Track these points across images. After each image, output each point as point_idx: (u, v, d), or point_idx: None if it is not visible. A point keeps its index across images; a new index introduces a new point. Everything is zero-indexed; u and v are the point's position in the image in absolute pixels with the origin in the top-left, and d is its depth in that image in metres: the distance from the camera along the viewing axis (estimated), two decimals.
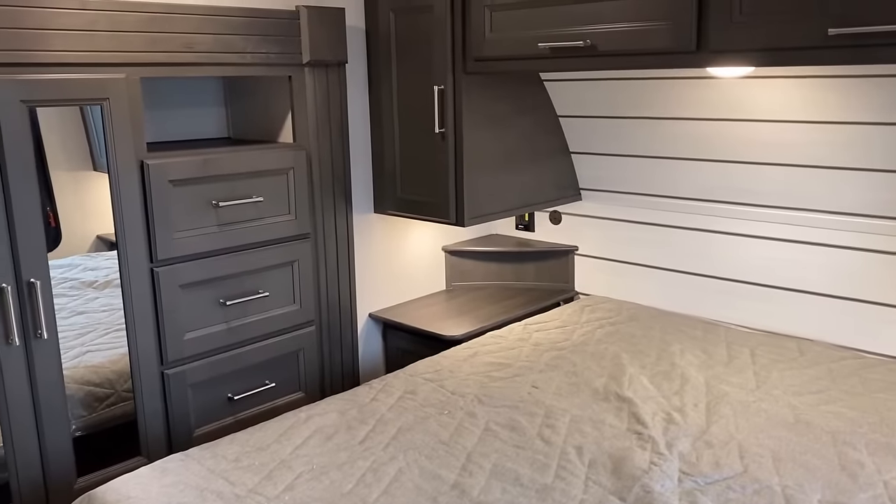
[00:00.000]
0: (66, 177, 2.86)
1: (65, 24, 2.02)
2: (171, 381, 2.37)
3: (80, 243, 2.95)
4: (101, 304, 2.87)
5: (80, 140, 2.77)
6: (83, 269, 3.06)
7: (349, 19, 2.74)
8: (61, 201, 2.88)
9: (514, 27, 2.46)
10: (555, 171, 3.14)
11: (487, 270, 3.45)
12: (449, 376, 2.43)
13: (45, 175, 2.85)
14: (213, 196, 2.37)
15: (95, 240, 2.92)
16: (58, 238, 2.93)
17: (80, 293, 2.99)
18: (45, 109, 2.52)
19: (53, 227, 2.92)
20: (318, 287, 2.72)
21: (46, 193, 2.88)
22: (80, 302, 2.94)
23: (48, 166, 2.85)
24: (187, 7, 2.24)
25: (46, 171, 2.85)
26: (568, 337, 2.77)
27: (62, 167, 2.85)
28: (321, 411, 2.21)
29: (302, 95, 2.57)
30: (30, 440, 2.10)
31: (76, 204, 2.85)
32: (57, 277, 3.03)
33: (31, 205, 2.02)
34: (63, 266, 3.02)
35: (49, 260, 2.93)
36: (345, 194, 2.75)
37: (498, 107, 2.81)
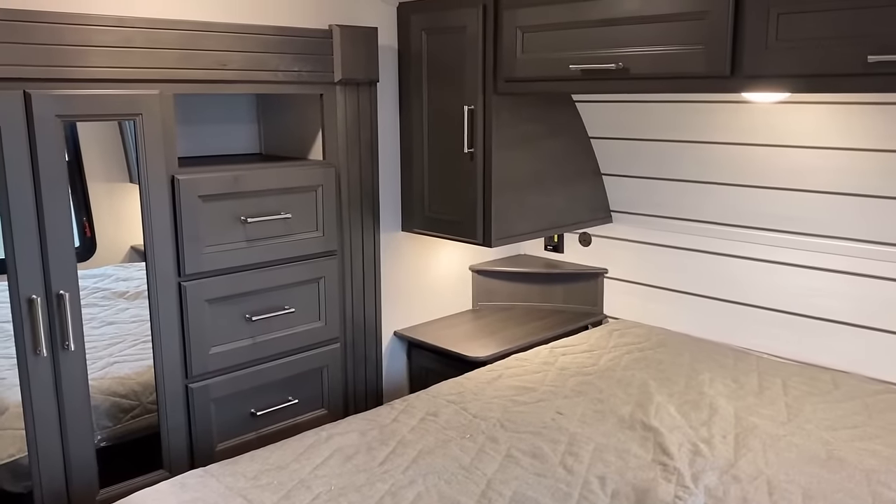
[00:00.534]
0: (104, 188, 2.91)
1: (103, 41, 2.06)
2: (195, 395, 2.38)
3: (114, 253, 2.99)
4: (131, 314, 2.91)
5: (118, 152, 2.82)
6: (115, 280, 3.10)
7: (382, 38, 2.75)
8: (97, 212, 2.93)
9: (545, 48, 2.44)
10: (585, 193, 3.11)
11: (515, 291, 3.42)
12: (472, 399, 2.40)
13: (82, 186, 2.91)
14: (242, 212, 2.38)
15: (129, 250, 2.97)
16: (92, 248, 2.98)
17: (112, 303, 3.03)
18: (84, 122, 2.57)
19: (89, 237, 2.97)
20: (344, 304, 2.72)
21: (83, 204, 2.93)
22: (110, 312, 2.98)
23: (86, 177, 2.91)
24: (221, 25, 2.27)
25: (84, 182, 2.91)
26: (595, 362, 2.72)
27: (99, 178, 2.90)
28: (342, 431, 2.19)
29: (333, 113, 2.58)
30: (54, 450, 2.12)
31: (112, 214, 2.90)
32: (89, 287, 3.08)
33: (62, 218, 2.04)
34: (96, 276, 3.07)
35: (83, 269, 2.98)
36: (373, 212, 2.75)
37: (528, 127, 2.79)
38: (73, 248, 2.11)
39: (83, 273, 3.01)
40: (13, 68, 1.91)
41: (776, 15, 1.89)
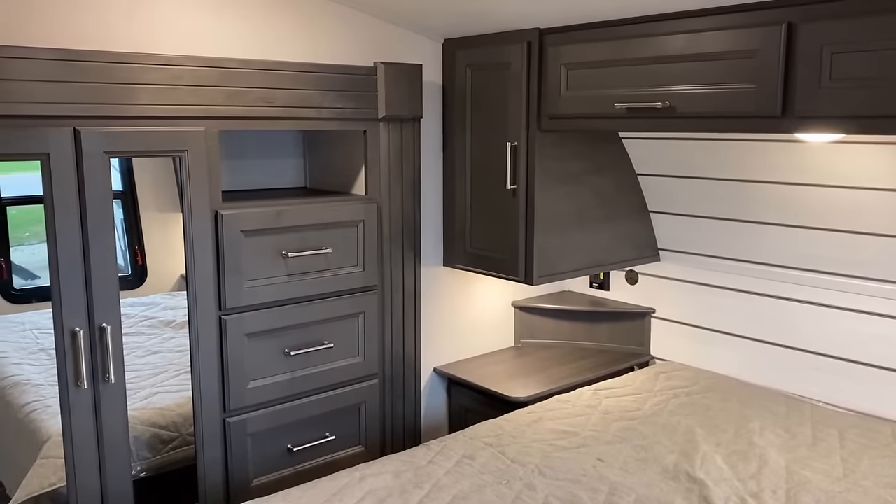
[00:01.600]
0: (156, 217, 2.98)
1: (150, 79, 2.10)
2: (232, 429, 2.38)
3: (163, 282, 3.05)
4: (175, 344, 2.94)
5: (171, 183, 2.88)
6: (163, 308, 3.15)
7: (426, 75, 2.76)
8: (149, 241, 2.99)
9: (590, 86, 2.41)
10: (632, 230, 3.04)
11: (558, 329, 3.35)
12: (510, 442, 2.34)
13: (135, 215, 2.98)
14: (284, 246, 2.39)
15: (179, 279, 3.01)
16: (143, 276, 3.04)
17: (158, 332, 3.08)
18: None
19: (140, 266, 3.03)
20: (383, 340, 2.70)
21: (136, 233, 3.00)
22: (156, 341, 3.03)
23: (139, 207, 2.98)
24: (266, 63, 2.30)
25: (137, 212, 2.97)
26: (640, 406, 2.64)
27: (152, 208, 2.97)
28: (376, 472, 2.16)
29: (376, 149, 2.58)
30: (92, 482, 2.13)
31: (163, 244, 2.96)
32: (138, 315, 3.13)
33: (107, 252, 2.08)
34: (145, 304, 3.13)
35: (133, 297, 3.05)
36: (414, 247, 2.73)
37: (572, 164, 2.75)
38: (117, 282, 2.13)
39: (133, 301, 3.09)
40: (64, 106, 1.96)
41: (829, 54, 1.82)
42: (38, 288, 2.63)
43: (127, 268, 2.99)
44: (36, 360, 2.71)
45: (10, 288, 2.68)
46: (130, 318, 3.05)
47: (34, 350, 2.75)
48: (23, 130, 1.91)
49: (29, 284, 2.71)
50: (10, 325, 2.80)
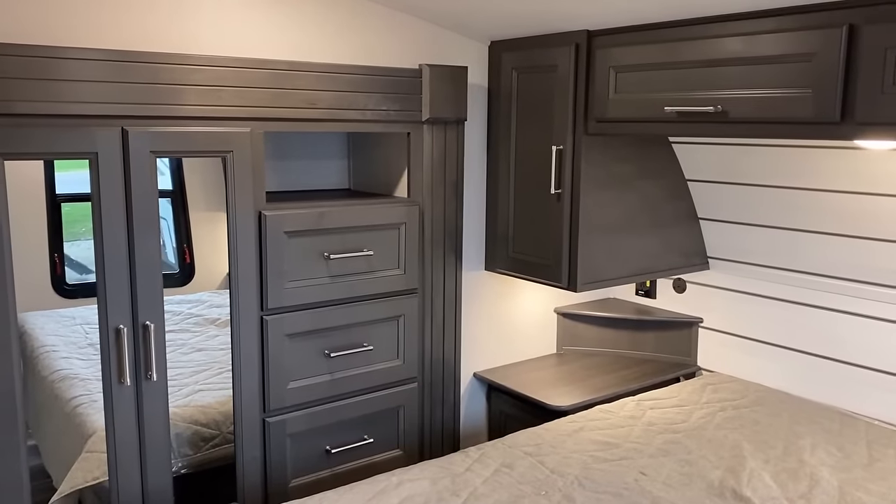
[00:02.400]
0: (204, 216, 3.01)
1: (197, 80, 2.11)
2: (272, 429, 2.38)
3: (210, 280, 3.08)
4: (219, 342, 2.97)
5: (220, 182, 2.90)
6: (209, 306, 3.18)
7: (472, 77, 2.73)
8: (197, 240, 3.02)
9: (639, 89, 2.35)
10: (680, 237, 2.96)
11: (602, 336, 3.29)
12: (550, 452, 2.30)
13: (184, 214, 3.02)
14: (326, 248, 2.39)
15: (225, 277, 3.04)
16: (191, 274, 3.08)
17: (203, 330, 3.11)
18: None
19: (188, 264, 3.07)
20: (423, 343, 2.68)
21: (184, 231, 3.04)
22: (201, 339, 3.06)
23: (188, 206, 3.01)
24: (312, 65, 2.30)
25: (186, 211, 3.01)
26: (685, 418, 2.56)
27: (201, 207, 3.00)
28: (413, 477, 2.14)
29: (419, 151, 2.57)
30: (133, 477, 2.16)
31: (211, 242, 2.99)
32: (184, 312, 3.17)
33: (152, 250, 2.10)
34: (192, 301, 3.16)
35: (180, 295, 3.09)
36: (455, 251, 2.71)
37: (619, 168, 2.69)
38: (161, 281, 2.15)
39: (180, 298, 3.12)
40: (112, 106, 1.99)
41: (894, 58, 1.74)
42: (89, 283, 2.68)
43: (175, 266, 3.03)
44: (84, 354, 2.76)
45: (63, 283, 2.74)
46: (176, 316, 3.09)
47: (83, 345, 2.80)
48: (72, 130, 1.94)
49: (82, 279, 2.76)
50: (61, 319, 2.86)
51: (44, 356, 2.77)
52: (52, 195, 2.67)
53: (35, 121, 1.89)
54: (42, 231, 2.67)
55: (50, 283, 2.73)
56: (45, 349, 2.79)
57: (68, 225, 2.71)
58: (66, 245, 2.72)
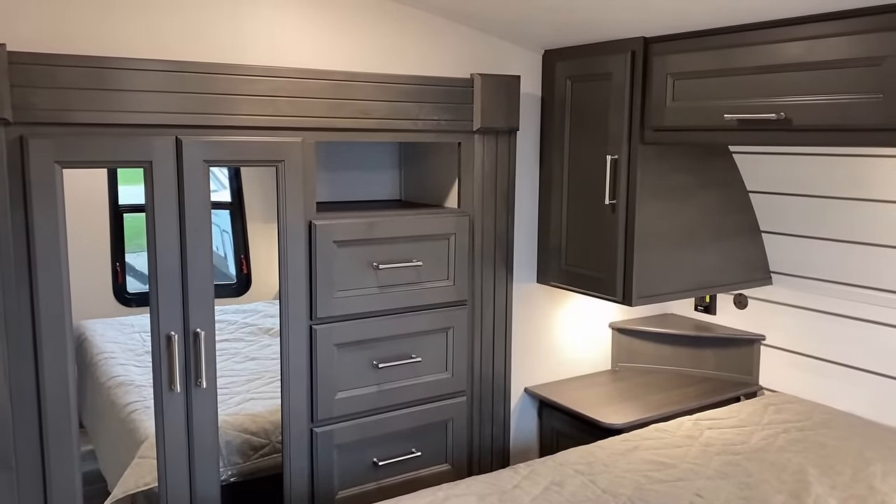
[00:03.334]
0: (262, 228, 3.04)
1: (252, 90, 2.13)
2: (319, 439, 2.37)
3: (266, 290, 3.11)
4: (272, 351, 2.98)
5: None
6: (264, 316, 3.21)
7: (525, 86, 2.69)
8: (255, 250, 3.06)
9: (698, 97, 2.28)
10: (742, 251, 2.85)
11: (659, 353, 3.19)
12: (602, 471, 2.22)
13: (242, 226, 3.05)
14: (375, 258, 2.38)
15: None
16: (248, 284, 3.12)
17: (256, 339, 3.14)
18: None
19: (245, 274, 3.10)
20: (472, 356, 2.63)
21: (242, 242, 3.08)
22: (254, 348, 3.08)
23: (246, 218, 3.05)
24: (365, 75, 2.30)
25: (244, 222, 3.05)
26: (745, 440, 2.45)
27: (258, 219, 3.03)
28: (460, 492, 2.09)
29: (470, 162, 2.54)
30: (182, 484, 2.17)
31: (268, 254, 3.01)
32: (239, 322, 3.20)
33: (204, 258, 2.12)
34: (247, 311, 3.19)
35: (236, 304, 3.12)
36: (506, 262, 2.66)
37: (677, 179, 2.61)
38: (213, 289, 2.17)
39: (236, 308, 3.16)
40: (167, 115, 2.02)
41: None
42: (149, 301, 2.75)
43: (233, 276, 3.07)
44: (141, 361, 2.81)
45: (124, 291, 2.80)
46: (232, 325, 3.12)
47: (140, 352, 2.85)
48: (128, 139, 1.98)
49: (142, 289, 2.81)
50: (120, 326, 2.92)
51: (102, 363, 2.83)
52: (115, 206, 2.73)
53: (92, 130, 1.93)
54: (105, 241, 2.73)
55: (112, 291, 2.79)
56: (103, 356, 2.85)
57: (131, 237, 2.76)
58: (129, 256, 2.78)
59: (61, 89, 1.87)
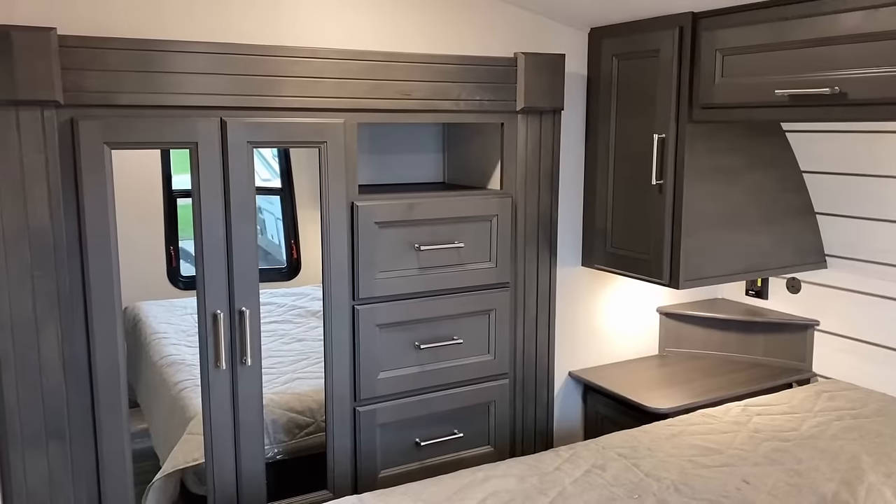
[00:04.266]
0: (312, 214, 3.07)
1: (295, 71, 2.15)
2: (362, 418, 2.39)
3: (316, 274, 3.13)
4: (319, 333, 3.00)
5: None
6: (312, 299, 3.25)
7: (570, 65, 2.65)
8: (304, 235, 3.09)
9: (748, 72, 2.21)
10: (795, 233, 2.76)
11: (708, 338, 3.12)
12: (646, 455, 2.19)
13: (292, 211, 3.09)
14: (416, 239, 2.38)
15: None
16: (298, 268, 3.16)
17: (304, 321, 3.18)
18: (297, 150, 2.70)
19: (295, 259, 3.14)
20: (515, 339, 2.62)
21: (292, 227, 3.11)
22: (302, 329, 3.12)
23: (296, 203, 3.08)
24: (407, 55, 2.29)
25: (294, 207, 3.09)
26: (796, 426, 2.38)
27: (308, 205, 3.06)
28: (500, 473, 2.09)
29: (512, 142, 2.51)
30: (228, 460, 2.22)
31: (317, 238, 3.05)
32: (288, 304, 3.25)
33: (248, 238, 2.15)
34: (296, 294, 3.24)
35: (286, 288, 3.17)
36: (549, 245, 2.63)
37: (727, 158, 2.54)
38: (258, 267, 2.20)
39: (285, 291, 3.20)
40: (213, 97, 2.05)
41: None
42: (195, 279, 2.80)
43: (283, 260, 3.11)
44: (192, 342, 2.86)
45: (178, 274, 2.86)
46: (280, 308, 3.17)
47: (192, 333, 2.90)
48: (174, 120, 2.01)
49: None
50: (174, 308, 2.99)
51: (155, 343, 2.90)
52: (168, 191, 2.79)
53: (139, 112, 1.97)
54: (159, 225, 2.79)
55: (166, 274, 2.85)
56: (156, 336, 2.92)
57: (185, 223, 2.81)
58: (182, 242, 2.83)
59: (110, 72, 1.92)
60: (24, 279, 1.89)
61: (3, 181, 1.84)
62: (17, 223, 1.87)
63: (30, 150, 1.86)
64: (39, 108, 1.85)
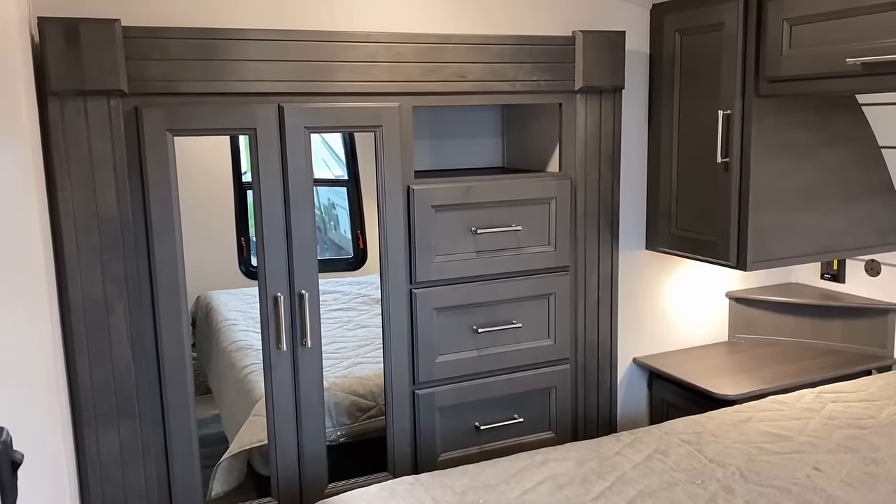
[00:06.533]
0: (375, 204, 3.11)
1: (350, 56, 2.17)
2: (421, 401, 2.40)
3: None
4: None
5: None
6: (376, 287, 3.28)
7: (631, 43, 2.58)
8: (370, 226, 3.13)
9: (818, 42, 2.10)
10: (873, 212, 2.62)
11: (781, 324, 3.00)
12: (711, 441, 2.12)
13: (358, 201, 3.13)
14: (473, 223, 2.37)
15: None
16: (364, 258, 3.20)
17: (368, 309, 3.22)
18: (362, 141, 2.73)
19: (361, 249, 3.19)
20: (576, 324, 2.58)
21: (358, 218, 3.16)
22: (366, 316, 3.16)
23: (362, 194, 3.12)
24: (461, 37, 2.28)
25: (360, 199, 3.13)
26: (874, 414, 2.27)
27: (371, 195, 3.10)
28: (559, 457, 2.06)
29: (571, 123, 2.47)
30: (290, 441, 2.26)
31: None
32: (353, 293, 3.30)
33: (307, 221, 2.18)
34: (362, 283, 3.28)
35: (353, 277, 3.21)
36: (611, 227, 2.58)
37: (797, 134, 2.43)
38: (316, 250, 2.24)
39: (351, 280, 3.25)
40: (270, 83, 2.09)
41: None
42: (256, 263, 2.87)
43: (349, 251, 3.16)
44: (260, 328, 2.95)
45: (249, 264, 2.93)
46: (346, 295, 3.22)
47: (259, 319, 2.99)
48: (233, 107, 2.06)
49: None
50: (244, 297, 3.06)
51: (225, 329, 2.98)
52: (238, 183, 2.86)
53: (199, 99, 2.02)
54: (231, 217, 2.87)
55: (237, 263, 2.93)
56: (227, 322, 3.01)
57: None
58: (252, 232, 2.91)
59: (171, 60, 1.97)
60: (94, 262, 1.97)
61: (73, 168, 1.92)
62: (87, 208, 1.95)
63: (97, 138, 1.93)
64: (106, 98, 1.93)
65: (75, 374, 2.00)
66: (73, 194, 1.93)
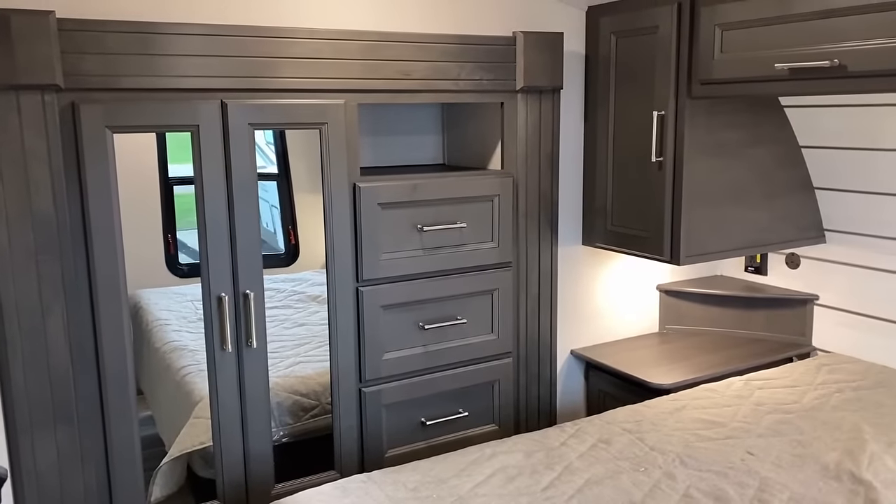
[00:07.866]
0: (308, 198, 3.06)
1: (294, 52, 2.15)
2: (368, 399, 2.41)
3: (313, 260, 3.14)
4: (320, 317, 3.02)
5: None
6: (311, 284, 3.25)
7: (568, 44, 2.64)
8: (302, 221, 3.09)
9: (747, 47, 2.21)
10: (794, 209, 2.78)
11: (708, 315, 3.14)
12: (650, 429, 2.21)
13: (289, 196, 3.08)
14: (419, 220, 2.38)
15: None
16: (296, 254, 3.15)
17: (305, 306, 3.18)
18: (292, 135, 2.69)
19: (293, 244, 3.14)
20: (518, 318, 2.63)
21: (289, 213, 3.11)
22: (302, 314, 3.13)
23: (293, 189, 3.08)
24: (406, 35, 2.29)
25: (291, 193, 3.08)
26: (798, 399, 2.41)
27: (305, 190, 3.06)
28: (507, 449, 2.11)
29: (513, 122, 2.52)
30: (235, 442, 2.23)
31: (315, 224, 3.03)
32: (287, 290, 3.25)
33: (251, 222, 2.15)
34: (295, 280, 3.24)
35: (285, 274, 3.17)
36: (551, 224, 2.64)
37: (726, 135, 2.55)
38: (260, 251, 2.21)
39: (285, 277, 3.20)
40: (213, 79, 2.04)
41: None
42: (199, 263, 2.81)
43: (280, 247, 3.11)
44: (194, 328, 2.87)
45: (176, 262, 2.86)
46: (280, 293, 3.17)
47: (193, 319, 2.91)
48: (175, 103, 2.01)
49: (193, 260, 2.87)
50: (174, 296, 2.98)
51: (157, 329, 2.90)
52: (164, 178, 2.78)
53: (140, 95, 1.97)
54: (156, 213, 2.79)
55: (164, 262, 2.85)
56: (158, 323, 2.92)
57: (182, 213, 2.81)
58: (180, 233, 2.83)
59: (109, 55, 1.91)
60: (29, 263, 1.89)
61: (6, 165, 1.84)
62: (21, 206, 1.87)
63: (31, 135, 1.85)
64: (40, 92, 1.85)
65: (9, 381, 1.91)
66: (6, 191, 1.85)
